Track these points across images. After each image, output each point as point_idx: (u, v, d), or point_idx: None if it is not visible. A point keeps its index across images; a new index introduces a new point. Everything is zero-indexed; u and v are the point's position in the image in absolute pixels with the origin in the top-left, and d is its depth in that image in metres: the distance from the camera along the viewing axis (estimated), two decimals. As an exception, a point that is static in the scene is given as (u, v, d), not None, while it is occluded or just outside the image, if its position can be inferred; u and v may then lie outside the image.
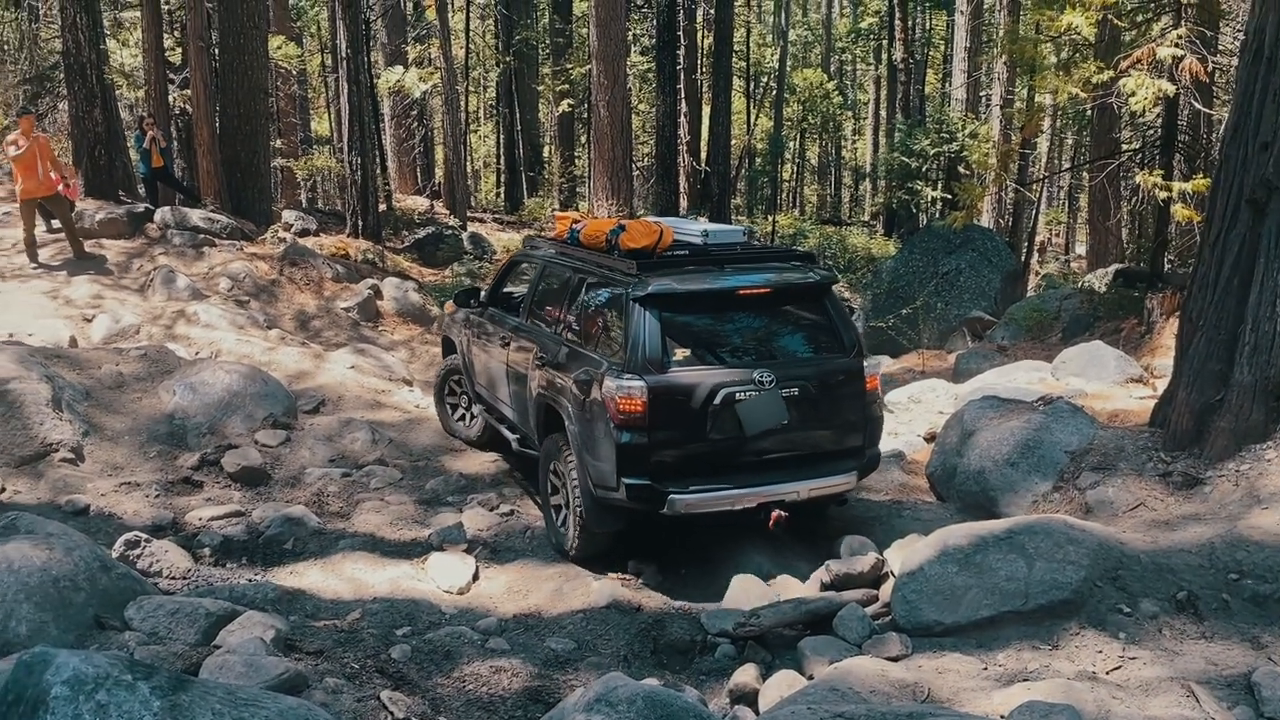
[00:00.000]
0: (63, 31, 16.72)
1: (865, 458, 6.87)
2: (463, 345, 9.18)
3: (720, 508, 6.49)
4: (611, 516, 6.65)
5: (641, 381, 6.19)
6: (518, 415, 7.93)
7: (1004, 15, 24.18)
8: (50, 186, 13.50)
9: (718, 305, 6.72)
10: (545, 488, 7.33)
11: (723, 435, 6.37)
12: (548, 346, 7.26)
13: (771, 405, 6.38)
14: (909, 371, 15.14)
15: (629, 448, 6.22)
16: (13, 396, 8.10)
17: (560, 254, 7.85)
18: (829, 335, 6.83)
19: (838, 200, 46.03)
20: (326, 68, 28.72)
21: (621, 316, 6.52)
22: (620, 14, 20.09)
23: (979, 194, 14.55)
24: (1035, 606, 5.35)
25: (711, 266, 6.80)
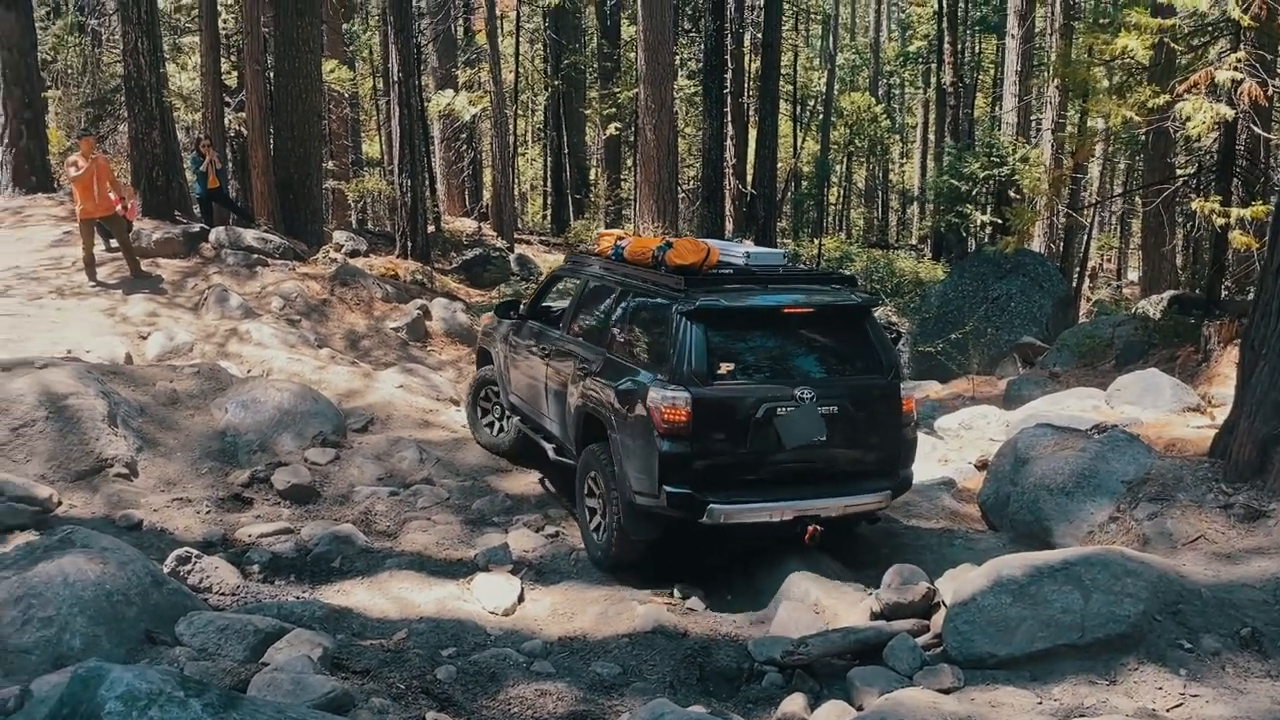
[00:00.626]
0: (124, 56, 17.12)
1: (898, 478, 7.02)
2: (500, 356, 9.34)
3: (757, 519, 6.63)
4: (650, 524, 6.80)
5: (686, 393, 6.38)
6: (556, 425, 8.08)
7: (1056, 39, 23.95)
8: (108, 207, 13.79)
9: (762, 322, 6.96)
10: (582, 497, 7.46)
11: (762, 449, 6.55)
12: (591, 358, 7.43)
13: (810, 421, 6.55)
14: (958, 397, 14.96)
15: (671, 456, 6.41)
16: (70, 412, 8.25)
17: (605, 269, 8.06)
18: (868, 357, 7.00)
19: (885, 224, 45.79)
20: (378, 91, 29.13)
21: (668, 330, 6.70)
22: (668, 38, 20.19)
23: (1031, 219, 14.36)
24: (1092, 640, 5.22)
25: (756, 285, 7.02)
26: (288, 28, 18.13)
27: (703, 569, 7.00)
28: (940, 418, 11.97)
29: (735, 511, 6.51)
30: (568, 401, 7.66)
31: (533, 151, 38.28)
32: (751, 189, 29.19)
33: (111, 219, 13.97)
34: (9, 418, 8.08)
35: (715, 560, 7.13)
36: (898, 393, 6.96)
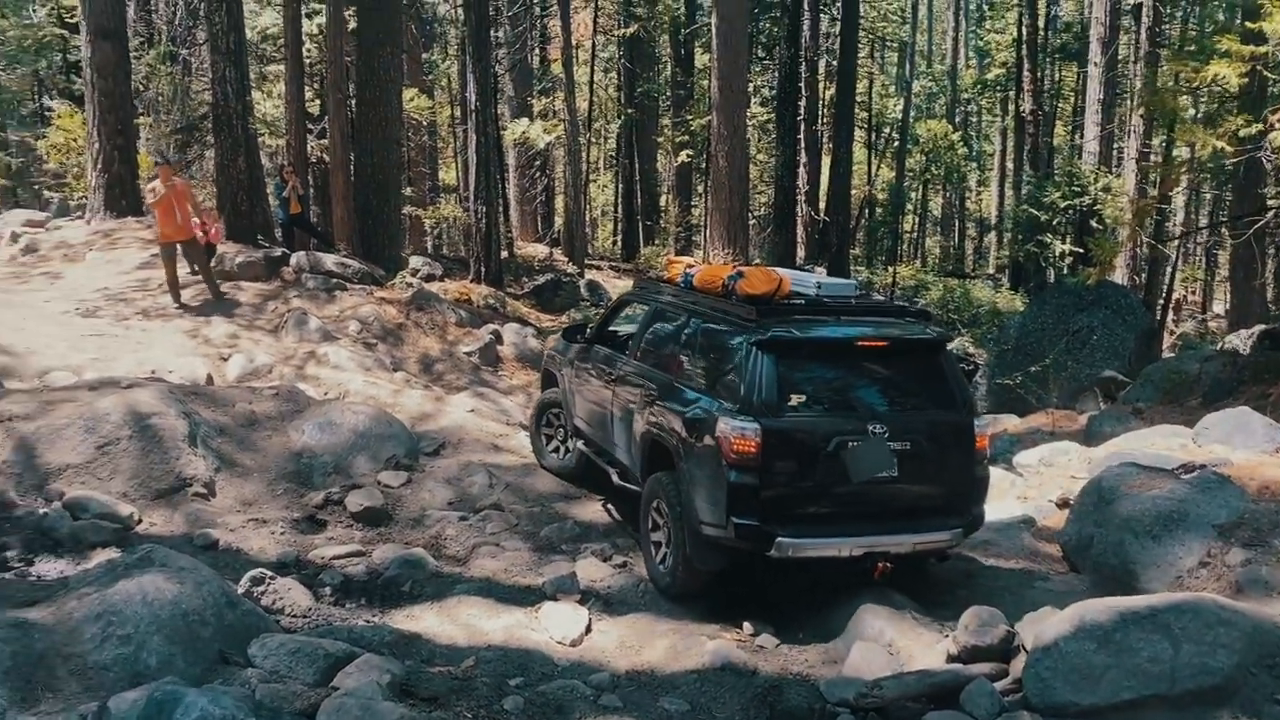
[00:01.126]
0: (213, 84, 17.66)
1: (970, 515, 6.88)
2: (565, 380, 9.31)
3: (825, 554, 6.55)
4: (715, 555, 6.74)
5: (756, 423, 6.30)
6: (622, 451, 8.05)
7: (1140, 66, 23.43)
8: (187, 231, 14.05)
9: (834, 354, 6.88)
10: (646, 524, 7.42)
11: (832, 482, 6.48)
12: (658, 385, 7.42)
13: (879, 455, 6.47)
14: (1037, 432, 14.58)
15: (740, 487, 6.33)
16: (153, 431, 8.44)
17: (674, 296, 8.02)
18: (942, 392, 6.88)
19: (961, 252, 45.14)
20: (455, 119, 29.62)
21: (739, 359, 6.64)
22: (742, 66, 20.21)
23: (1114, 250, 13.99)
24: (1182, 692, 5.00)
25: (828, 316, 6.96)
26: (369, 57, 18.56)
27: (772, 603, 6.87)
28: (1019, 453, 11.66)
29: (804, 545, 6.43)
30: (634, 428, 7.64)
31: (604, 178, 38.57)
32: (824, 216, 29.02)
33: (189, 244, 14.20)
34: (95, 436, 8.30)
35: (785, 594, 6.99)
36: (971, 429, 6.81)
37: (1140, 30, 24.64)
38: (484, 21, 18.67)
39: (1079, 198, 24.42)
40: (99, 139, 18.88)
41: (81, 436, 8.30)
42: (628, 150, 30.68)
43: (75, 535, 7.40)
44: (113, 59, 18.83)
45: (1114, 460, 9.04)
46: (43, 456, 8.16)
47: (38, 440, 8.27)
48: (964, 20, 51.40)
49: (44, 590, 6.11)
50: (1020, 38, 32.38)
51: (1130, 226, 15.82)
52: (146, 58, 23.68)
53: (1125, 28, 28.14)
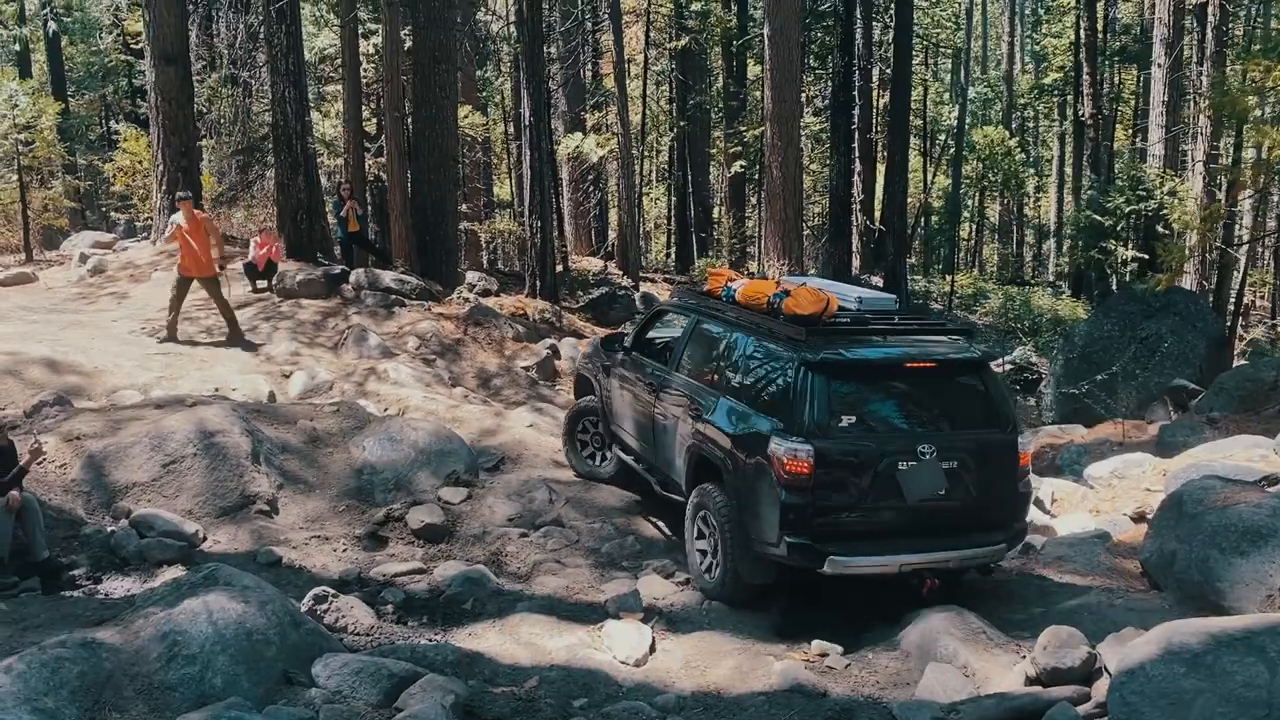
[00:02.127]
0: (272, 105, 17.92)
1: (1013, 530, 7.06)
2: (603, 388, 9.40)
3: (876, 570, 6.74)
4: (764, 569, 6.89)
5: (809, 445, 6.43)
6: (663, 461, 8.17)
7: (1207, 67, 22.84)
8: (207, 268, 13.47)
9: (883, 375, 7.02)
10: (692, 534, 7.50)
11: (882, 501, 6.62)
12: (703, 399, 7.52)
13: (931, 475, 6.60)
14: (1105, 443, 14.19)
15: (793, 507, 6.47)
16: (217, 449, 8.52)
17: (716, 310, 8.09)
18: (987, 409, 7.01)
19: (1019, 260, 44.38)
20: (509, 135, 29.82)
21: (789, 379, 6.75)
22: (795, 76, 20.05)
23: (1184, 255, 13.61)
24: (1280, 719, 4.74)
25: (875, 336, 7.12)
26: (425, 76, 18.71)
27: (840, 621, 6.70)
28: (1089, 465, 11.33)
29: (854, 564, 6.56)
30: (677, 439, 7.76)
31: (657, 191, 38.56)
32: (880, 225, 28.68)
33: (209, 281, 13.59)
34: (161, 454, 8.40)
35: (853, 612, 6.82)
36: (1015, 446, 6.94)
37: (1206, 30, 24.01)
38: (537, 38, 18.75)
39: (1144, 202, 23.85)
40: (163, 161, 19.25)
41: (148, 454, 8.40)
42: (680, 162, 30.62)
43: (141, 553, 7.48)
44: (176, 83, 19.21)
45: (1192, 472, 8.73)
46: (110, 474, 8.27)
47: (105, 458, 8.38)
48: (1019, 25, 50.65)
49: (111, 609, 6.16)
50: (1078, 41, 31.83)
51: (1200, 231, 15.39)
52: (209, 81, 24.15)
53: (1188, 28, 27.47)
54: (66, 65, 34.44)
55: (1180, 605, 6.69)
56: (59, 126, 27.16)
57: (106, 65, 32.51)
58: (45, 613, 6.30)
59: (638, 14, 28.83)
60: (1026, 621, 6.53)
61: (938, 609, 6.47)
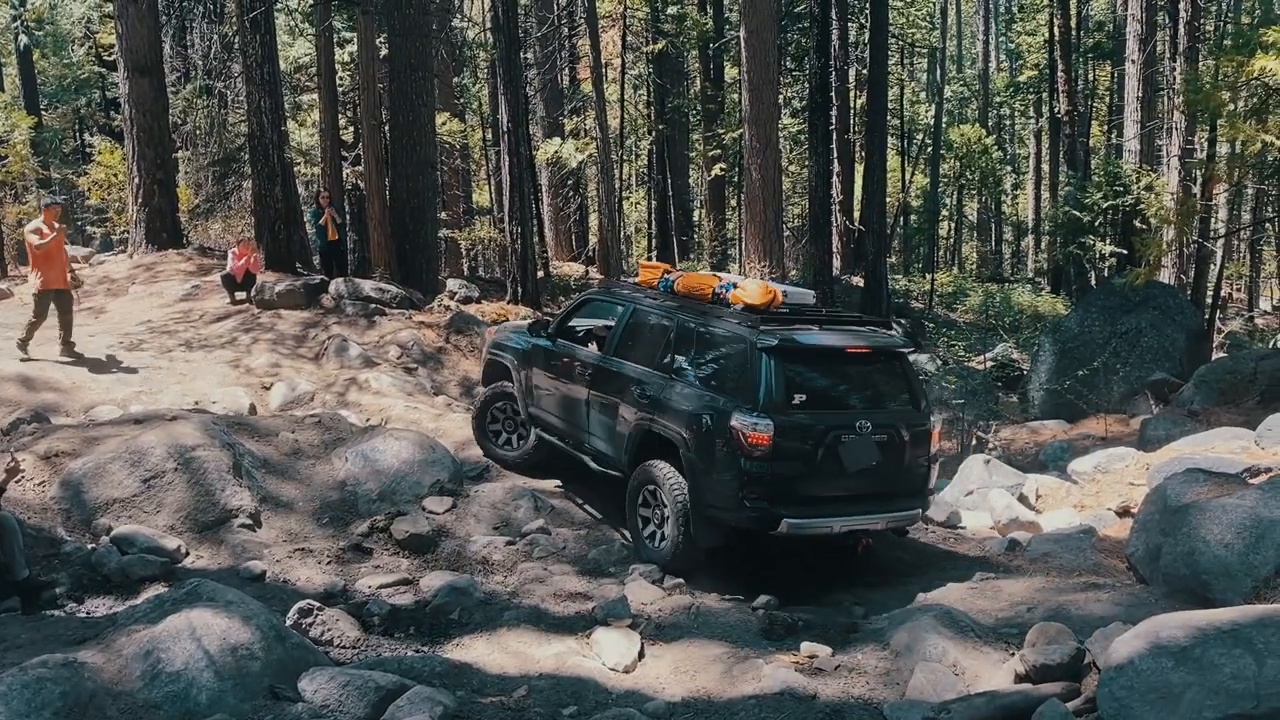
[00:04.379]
0: (248, 115, 17.84)
1: (925, 497, 8.17)
2: (521, 373, 9.80)
3: (820, 532, 7.71)
4: (717, 533, 7.69)
5: (769, 419, 7.22)
6: (600, 439, 8.72)
7: (1180, 62, 23.01)
8: (65, 280, 12.75)
9: (829, 359, 7.86)
10: (635, 507, 8.20)
11: (827, 470, 7.47)
12: (649, 381, 8.16)
13: (867, 448, 7.55)
14: (1088, 437, 14.29)
15: (753, 475, 7.28)
16: (198, 464, 8.43)
17: (655, 299, 8.70)
18: (907, 391, 8.03)
19: (999, 257, 44.62)
20: (488, 142, 29.75)
21: (748, 362, 7.49)
22: (773, 78, 20.09)
23: (1162, 250, 13.69)
24: (1268, 710, 4.73)
25: (813, 325, 7.94)
26: (402, 84, 18.65)
27: (829, 622, 6.69)
28: (1073, 460, 11.40)
29: (803, 525, 7.44)
30: (619, 419, 8.37)
31: (637, 195, 38.56)
32: (859, 225, 28.76)
33: (64, 294, 12.76)
34: (141, 470, 8.30)
35: (845, 617, 6.81)
36: (929, 423, 7.96)
37: (1178, 26, 24.19)
38: (513, 44, 18.70)
39: (1121, 198, 24.00)
40: (139, 174, 19.13)
41: (128, 471, 8.30)
42: (660, 166, 30.62)
43: (123, 570, 7.38)
44: (150, 94, 19.10)
45: (1175, 466, 8.79)
46: (90, 492, 8.17)
47: (84, 475, 8.28)
48: (994, 23, 50.99)
49: (93, 628, 6.07)
50: (1052, 38, 32.03)
51: (1177, 225, 15.49)
52: (183, 92, 24.03)
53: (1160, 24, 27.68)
54: (39, 78, 34.17)
55: (1167, 599, 6.71)
56: (32, 140, 26.95)
57: (79, 78, 32.26)
58: (26, 633, 6.20)
59: (614, 18, 28.80)
60: (1014, 618, 6.53)
61: (927, 608, 6.46)
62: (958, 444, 15.74)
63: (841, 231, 30.27)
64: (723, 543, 7.73)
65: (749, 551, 8.62)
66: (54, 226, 12.48)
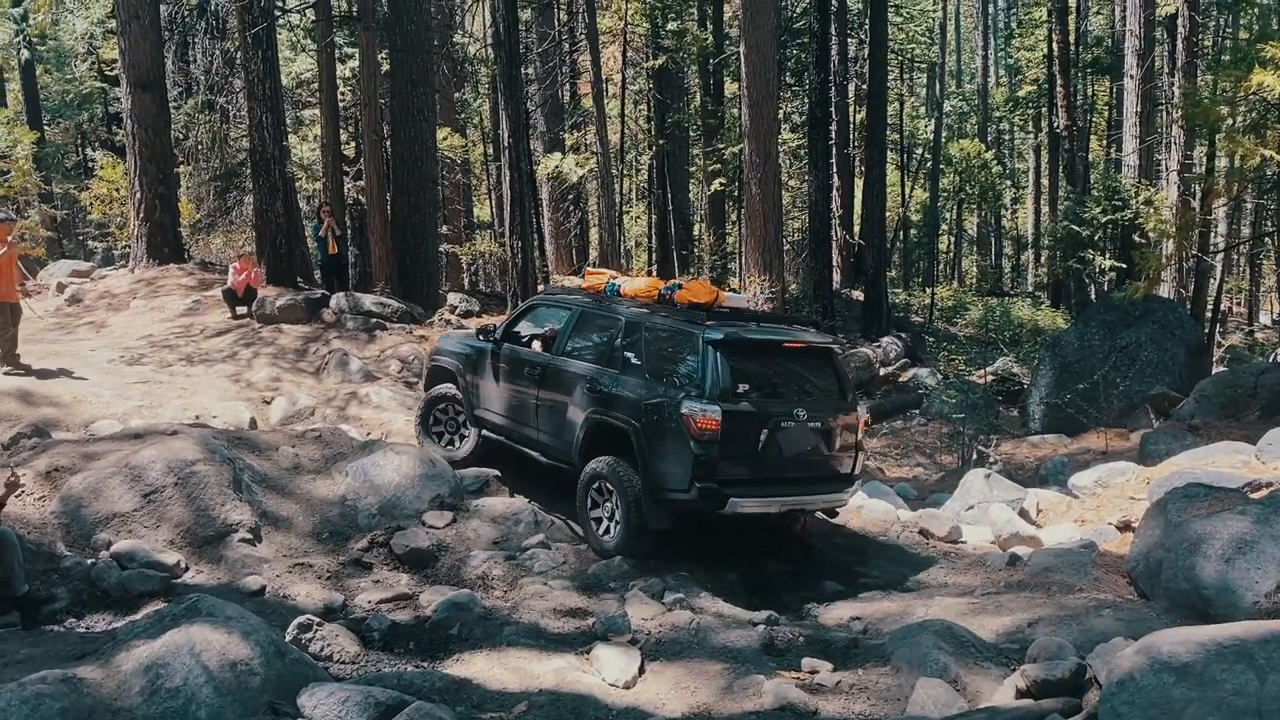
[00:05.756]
0: (250, 131, 17.89)
1: (853, 480, 8.85)
2: (466, 377, 10.26)
3: (763, 510, 8.32)
4: (667, 515, 8.25)
5: (717, 406, 7.84)
6: (549, 436, 9.24)
7: (1179, 77, 23.09)
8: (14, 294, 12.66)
9: (769, 352, 8.54)
10: (585, 499, 8.69)
11: (768, 454, 8.12)
12: (599, 377, 8.67)
13: (804, 435, 8.29)
14: (1088, 451, 14.28)
15: (704, 459, 7.86)
16: (197, 478, 8.42)
17: (601, 302, 9.30)
18: (836, 384, 8.80)
19: (999, 271, 44.68)
20: (489, 156, 29.84)
21: (696, 354, 8.08)
22: (772, 93, 20.16)
23: (1162, 264, 13.71)
24: (1270, 726, 4.73)
25: (751, 323, 8.63)
26: (403, 99, 18.72)
27: (833, 642, 6.67)
28: (1073, 475, 11.38)
29: (747, 505, 8.04)
30: (568, 415, 8.89)
31: (638, 209, 38.65)
32: (859, 239, 28.83)
33: (14, 306, 12.68)
34: (141, 484, 8.29)
35: (842, 632, 6.80)
36: (857, 412, 8.80)
37: (1176, 41, 24.30)
38: (514, 59, 18.78)
39: (1120, 212, 24.05)
40: (140, 188, 19.18)
41: (128, 485, 8.29)
42: (660, 181, 30.70)
43: (123, 585, 7.37)
44: (153, 110, 19.16)
45: (1175, 480, 8.78)
46: (90, 506, 8.16)
47: (84, 490, 8.27)
48: (993, 39, 51.20)
49: (92, 643, 6.07)
50: (1051, 54, 32.15)
51: (1176, 239, 15.51)
52: (185, 107, 24.10)
53: (1158, 39, 27.79)
54: (41, 94, 34.28)
55: (1168, 614, 6.70)
56: (35, 155, 27.05)
57: (82, 93, 32.37)
58: (25, 648, 6.20)
59: (614, 34, 28.92)
60: (1014, 632, 6.52)
61: (927, 624, 6.45)
62: (958, 458, 15.73)
63: (841, 246, 30.35)
64: (672, 525, 8.31)
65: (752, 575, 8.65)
66: (6, 242, 12.36)
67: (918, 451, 17.09)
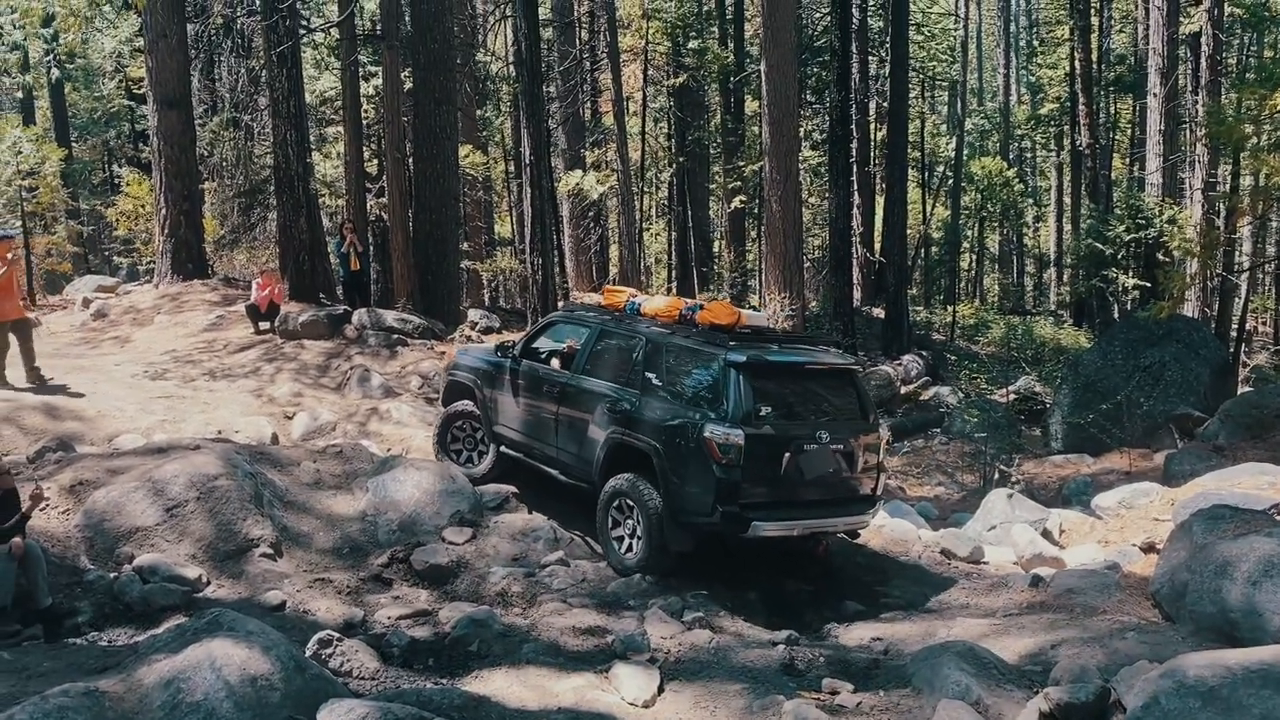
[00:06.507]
0: (274, 148, 18.05)
1: (874, 502, 8.73)
2: (484, 392, 10.19)
3: (785, 534, 8.23)
4: (688, 537, 8.22)
5: (740, 430, 7.79)
6: (570, 454, 9.15)
7: (1203, 95, 22.97)
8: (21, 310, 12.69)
9: (791, 374, 8.46)
10: (606, 516, 8.63)
11: (790, 477, 8.05)
12: (620, 397, 8.62)
13: (827, 457, 8.21)
14: (1111, 472, 14.16)
15: (726, 482, 7.81)
16: (219, 493, 8.47)
17: (621, 321, 9.23)
18: (858, 405, 8.70)
19: (1020, 289, 44.45)
20: (510, 174, 29.99)
21: (719, 377, 8.03)
22: (793, 111, 20.19)
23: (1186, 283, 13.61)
24: (1299, 753, 4.66)
25: (773, 344, 8.56)
26: (426, 117, 18.86)
27: (853, 663, 6.62)
28: (1096, 495, 11.29)
29: (770, 528, 7.95)
30: (589, 434, 8.83)
31: (657, 226, 38.73)
32: (880, 257, 28.76)
33: (21, 322, 12.64)
34: (164, 499, 8.35)
35: (863, 653, 6.75)
36: (879, 435, 8.77)
37: (1200, 59, 24.18)
38: (536, 77, 18.89)
39: (1144, 230, 23.90)
40: (166, 205, 19.38)
41: (150, 500, 8.35)
42: (680, 198, 30.77)
43: (145, 599, 7.41)
44: (178, 127, 19.38)
45: (1200, 501, 8.69)
46: (113, 520, 8.22)
47: (108, 504, 8.33)
48: (1014, 57, 51.10)
49: (114, 656, 6.10)
50: (1073, 72, 32.06)
51: (1201, 258, 15.40)
52: (210, 124, 24.36)
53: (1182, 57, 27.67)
54: (69, 111, 34.78)
55: (1194, 637, 6.62)
56: (62, 172, 27.39)
57: (109, 110, 32.81)
58: (48, 661, 6.23)
59: (635, 53, 29.08)
60: (1038, 654, 6.45)
61: (949, 645, 6.39)
62: (980, 477, 15.63)
63: (862, 263, 30.28)
64: (693, 547, 8.26)
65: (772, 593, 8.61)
66: (6, 259, 12.39)
67: (939, 470, 16.98)
